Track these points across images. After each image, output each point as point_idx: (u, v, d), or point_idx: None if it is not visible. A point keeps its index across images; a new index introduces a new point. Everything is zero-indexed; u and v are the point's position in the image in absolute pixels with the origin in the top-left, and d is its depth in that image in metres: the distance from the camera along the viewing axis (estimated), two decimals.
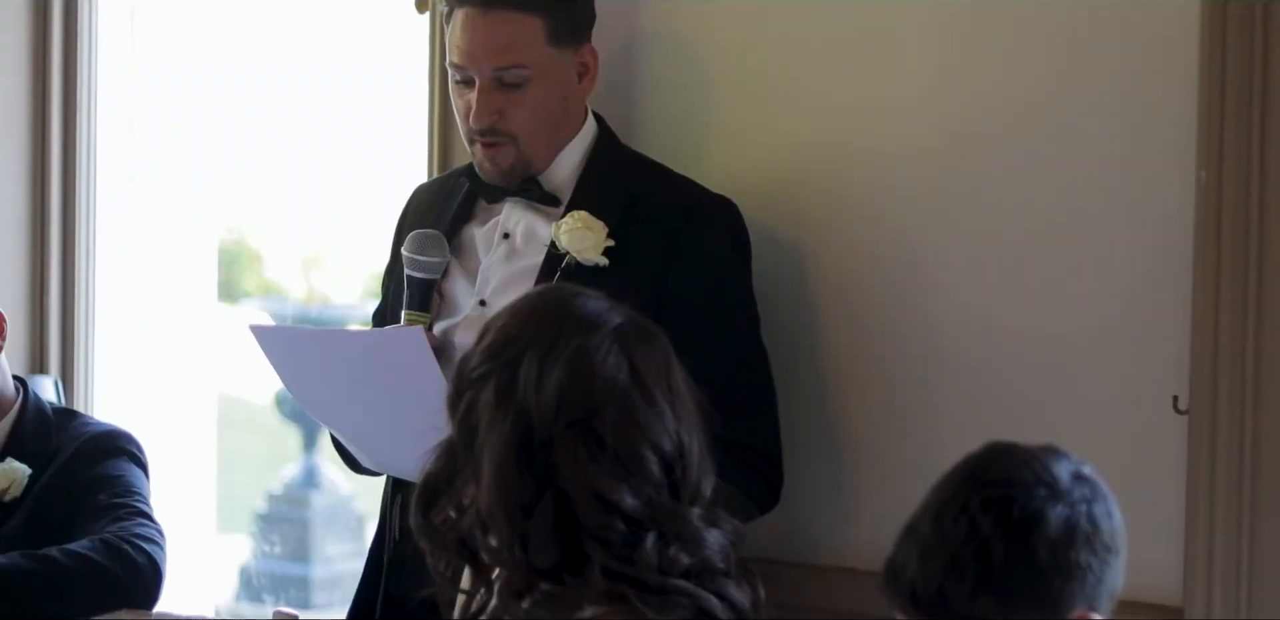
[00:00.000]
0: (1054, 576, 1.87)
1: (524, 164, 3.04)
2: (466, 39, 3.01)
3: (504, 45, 2.99)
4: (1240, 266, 2.77)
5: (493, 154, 3.03)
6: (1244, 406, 2.78)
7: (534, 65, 2.99)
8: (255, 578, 5.11)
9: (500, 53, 2.98)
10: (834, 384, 3.18)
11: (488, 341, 2.23)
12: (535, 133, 3.02)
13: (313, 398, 3.03)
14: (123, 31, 4.22)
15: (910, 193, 3.11)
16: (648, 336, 2.23)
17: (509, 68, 2.99)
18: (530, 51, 2.99)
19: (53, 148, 4.16)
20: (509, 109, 3.00)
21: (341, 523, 5.71)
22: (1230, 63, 2.77)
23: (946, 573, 1.88)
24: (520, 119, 3.01)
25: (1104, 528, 1.90)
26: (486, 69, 2.99)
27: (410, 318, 3.02)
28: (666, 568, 2.16)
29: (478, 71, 3.00)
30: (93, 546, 3.12)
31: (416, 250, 3.03)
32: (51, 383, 4.00)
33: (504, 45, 2.99)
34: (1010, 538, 1.87)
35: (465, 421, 2.21)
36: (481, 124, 3.01)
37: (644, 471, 2.17)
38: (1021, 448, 1.95)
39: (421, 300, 3.03)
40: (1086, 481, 1.93)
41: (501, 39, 2.99)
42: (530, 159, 3.04)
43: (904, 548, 1.92)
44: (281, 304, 5.13)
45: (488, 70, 2.99)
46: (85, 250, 4.17)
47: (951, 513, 1.89)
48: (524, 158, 3.03)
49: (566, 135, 3.07)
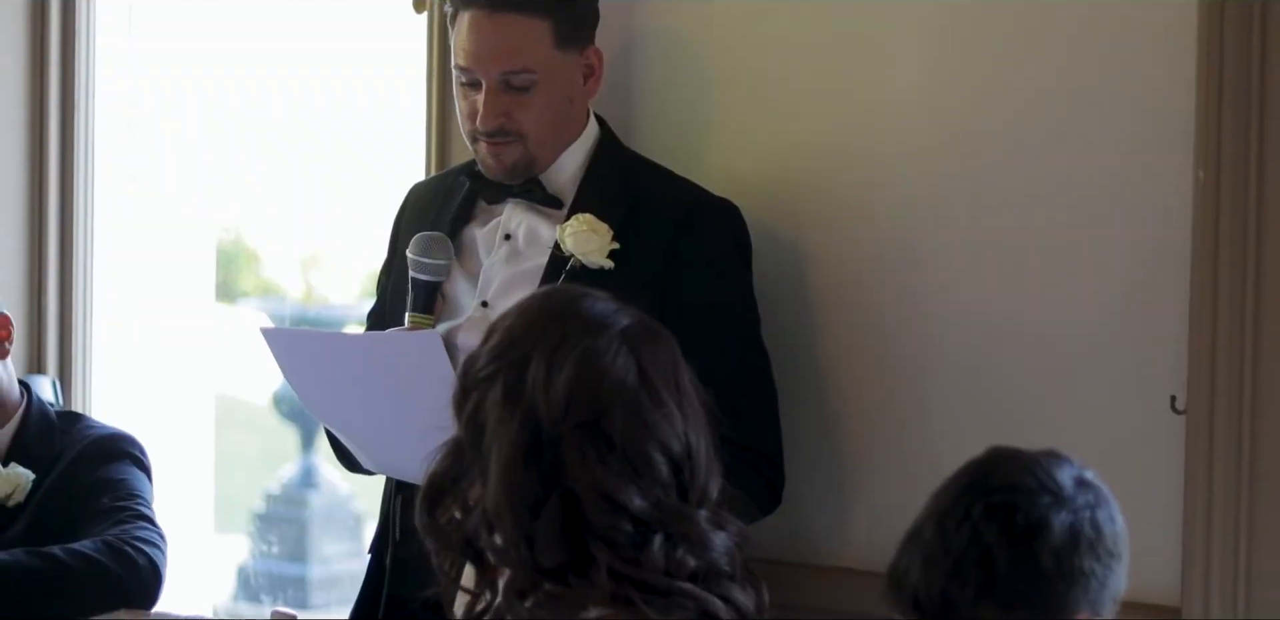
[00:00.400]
0: (1058, 583, 1.87)
1: (528, 162, 3.03)
2: (473, 42, 3.00)
3: (511, 49, 2.98)
4: (1238, 266, 2.77)
5: (497, 150, 3.02)
6: (1242, 406, 2.78)
7: (541, 68, 2.99)
8: (253, 578, 5.11)
9: (507, 56, 2.98)
10: (833, 384, 3.18)
11: (494, 342, 2.23)
12: (543, 133, 3.02)
13: (319, 400, 3.02)
14: (120, 31, 4.21)
15: (909, 193, 3.11)
16: (655, 337, 2.23)
17: (516, 72, 2.98)
18: (537, 55, 2.98)
19: (51, 148, 4.15)
20: (516, 111, 3.00)
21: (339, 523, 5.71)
22: (1228, 63, 2.77)
23: (950, 580, 1.87)
24: (528, 121, 3.00)
25: (1107, 533, 1.90)
26: (494, 72, 2.98)
27: (415, 320, 3.01)
28: (673, 570, 2.15)
29: (484, 75, 2.99)
30: (95, 547, 3.13)
31: (421, 252, 3.02)
32: (49, 382, 4.00)
33: (511, 49, 2.98)
34: (1014, 545, 1.87)
35: (472, 421, 2.21)
36: (489, 126, 3.00)
37: (652, 472, 2.16)
38: (1024, 453, 1.95)
39: (426, 303, 3.02)
40: (1089, 487, 1.92)
41: (508, 42, 2.98)
42: (535, 157, 3.04)
43: (907, 555, 1.92)
44: (279, 304, 5.13)
45: (495, 74, 2.98)
46: (83, 250, 4.17)
47: (955, 519, 1.89)
48: (530, 155, 3.03)
49: (570, 137, 3.07)
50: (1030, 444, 2.91)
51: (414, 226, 3.14)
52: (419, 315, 3.01)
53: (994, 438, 2.99)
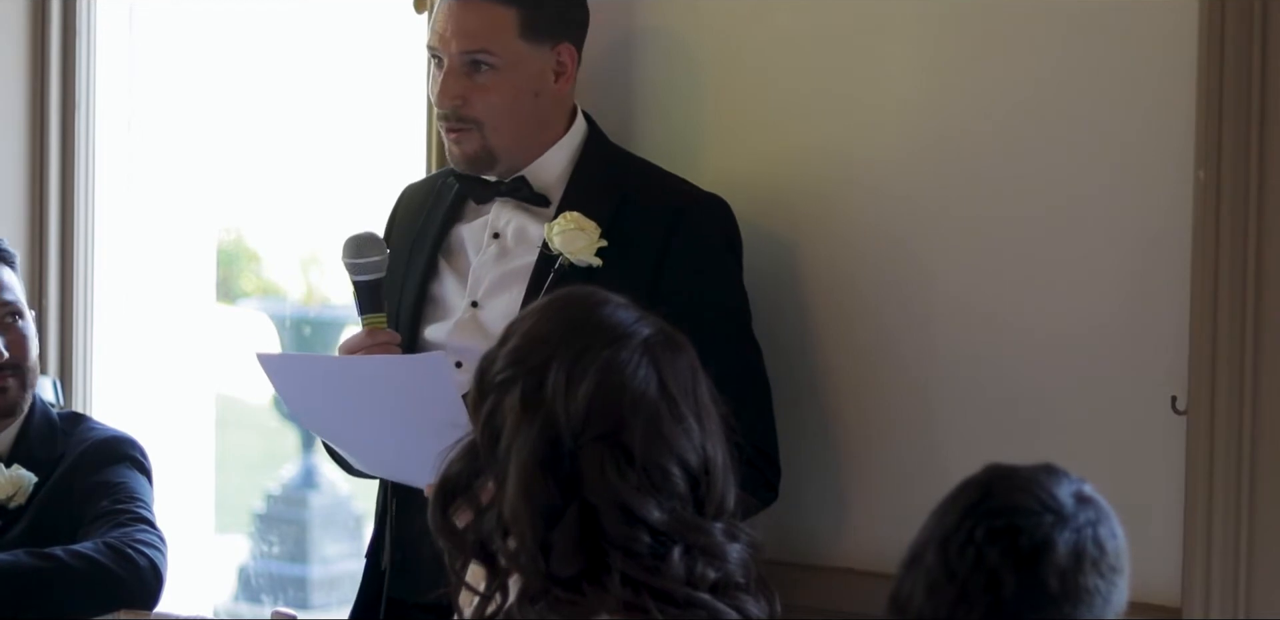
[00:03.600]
0: (1063, 603, 1.85)
1: (488, 152, 3.04)
2: (441, 22, 3.06)
3: (473, 31, 3.02)
4: (1239, 266, 2.77)
5: (457, 138, 3.05)
6: (1242, 407, 2.78)
7: (501, 54, 3.02)
8: (253, 578, 5.11)
9: (470, 37, 3.02)
10: (832, 384, 3.18)
11: (513, 345, 2.21)
12: (501, 123, 3.03)
13: (321, 421, 2.99)
14: (120, 31, 4.22)
15: (908, 192, 3.11)
16: (676, 348, 2.22)
17: (475, 51, 3.02)
18: (499, 40, 3.02)
19: (51, 147, 4.15)
20: (473, 95, 3.03)
21: (339, 523, 5.71)
22: (1229, 62, 2.77)
23: (955, 605, 1.85)
24: (484, 106, 3.03)
25: (1110, 549, 1.88)
26: (455, 51, 3.03)
27: (370, 321, 2.99)
28: (695, 582, 2.15)
29: (447, 54, 3.04)
30: (96, 548, 3.13)
31: (353, 255, 3.01)
32: (50, 383, 4.00)
33: (473, 31, 3.02)
34: (1019, 568, 1.84)
35: (489, 424, 2.20)
36: (443, 106, 3.04)
37: (670, 486, 2.15)
38: (1021, 471, 1.92)
39: (373, 302, 3.01)
40: (1089, 503, 1.90)
41: (472, 25, 3.03)
42: (496, 149, 3.04)
43: (909, 580, 1.89)
44: (279, 304, 5.13)
45: (456, 53, 3.03)
46: (83, 250, 4.17)
47: (957, 544, 1.85)
48: (489, 146, 3.04)
49: (549, 135, 3.08)
50: (1030, 444, 2.93)
51: (405, 228, 3.15)
52: (372, 316, 2.99)
53: (994, 438, 3.02)
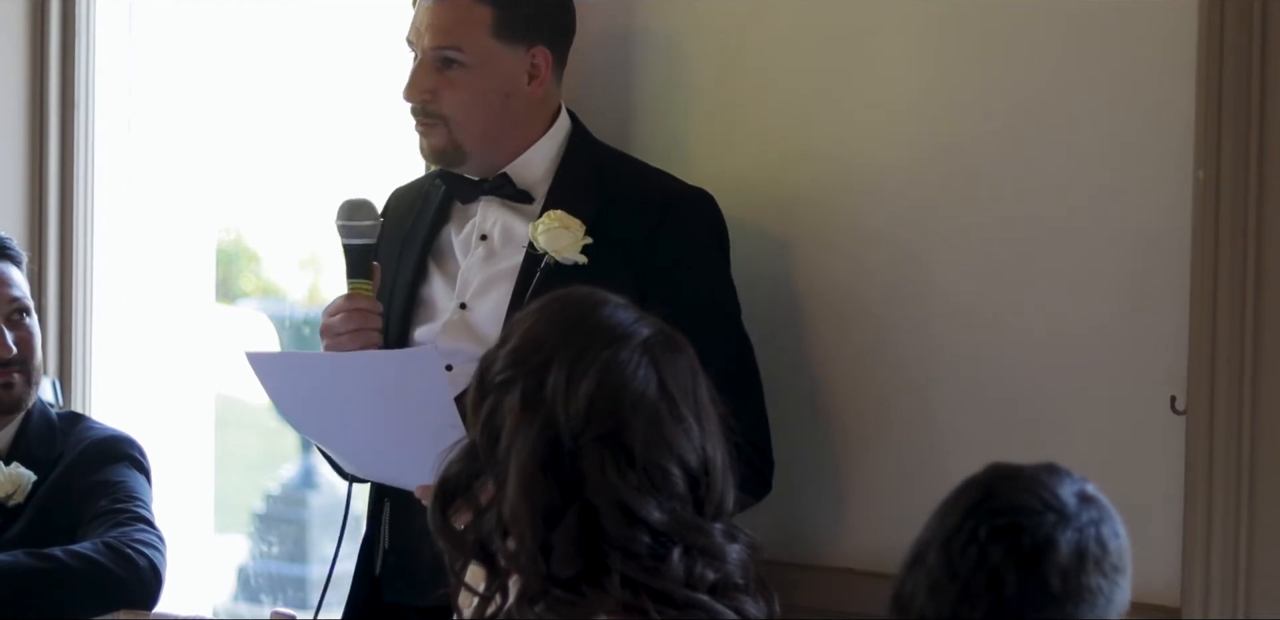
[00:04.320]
0: (1066, 603, 1.85)
1: (456, 147, 3.06)
2: (417, 17, 3.09)
3: (447, 27, 3.05)
4: (1238, 266, 2.77)
5: (424, 131, 3.08)
6: (1242, 407, 2.78)
7: (472, 51, 3.04)
8: (253, 578, 5.11)
9: (442, 33, 3.04)
10: (831, 384, 3.18)
11: (513, 345, 2.22)
12: (467, 120, 3.05)
13: (310, 420, 2.99)
14: (120, 31, 4.22)
15: (907, 193, 3.11)
16: (676, 348, 2.22)
17: (446, 48, 3.04)
18: (471, 38, 3.04)
19: (50, 147, 4.15)
20: (442, 90, 3.05)
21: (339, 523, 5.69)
22: (1228, 63, 2.77)
23: (958, 604, 1.85)
24: (451, 102, 3.04)
25: (1112, 548, 1.88)
26: (427, 46, 3.05)
27: (355, 286, 3.00)
28: (694, 583, 2.15)
29: (420, 48, 3.06)
30: (95, 548, 3.13)
31: (347, 217, 3.03)
32: (49, 383, 4.00)
33: (447, 27, 3.05)
34: (1022, 567, 1.84)
35: (488, 425, 2.20)
36: (411, 100, 3.07)
37: (670, 486, 2.16)
38: (1024, 470, 1.92)
39: (362, 267, 3.02)
40: (1092, 502, 1.90)
41: (447, 21, 3.05)
42: (463, 145, 3.06)
43: (911, 579, 1.89)
44: (279, 304, 5.12)
45: (428, 48, 3.05)
46: (83, 250, 4.17)
47: (959, 543, 1.86)
48: (456, 141, 3.06)
49: (526, 134, 3.08)
50: (1030, 444, 2.93)
51: (394, 232, 3.15)
52: (358, 281, 3.01)
53: (993, 438, 3.02)
